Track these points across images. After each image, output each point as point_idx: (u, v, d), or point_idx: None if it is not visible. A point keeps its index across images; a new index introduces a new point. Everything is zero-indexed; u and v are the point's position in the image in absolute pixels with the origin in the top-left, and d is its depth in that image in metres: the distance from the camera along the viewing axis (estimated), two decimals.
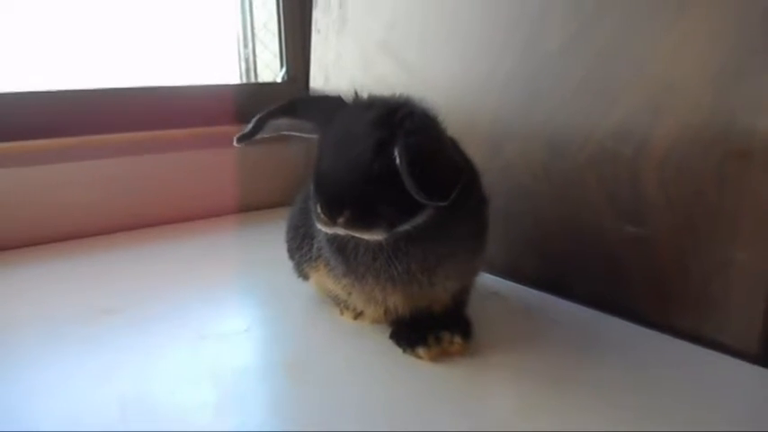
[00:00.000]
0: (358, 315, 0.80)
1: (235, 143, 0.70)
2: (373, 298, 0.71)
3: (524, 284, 0.92)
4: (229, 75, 1.47)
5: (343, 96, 0.70)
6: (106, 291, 0.92)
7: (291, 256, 0.87)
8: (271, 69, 1.47)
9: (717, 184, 0.70)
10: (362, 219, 0.61)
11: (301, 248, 0.82)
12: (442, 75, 1.04)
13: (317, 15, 1.35)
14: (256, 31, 1.45)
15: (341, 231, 0.63)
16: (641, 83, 0.76)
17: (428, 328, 0.70)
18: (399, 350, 0.72)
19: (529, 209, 0.92)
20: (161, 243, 1.18)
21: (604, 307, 0.82)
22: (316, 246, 0.77)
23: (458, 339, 0.69)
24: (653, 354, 0.71)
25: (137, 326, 0.80)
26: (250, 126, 0.70)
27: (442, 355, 0.69)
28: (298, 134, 0.72)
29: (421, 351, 0.69)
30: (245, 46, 1.45)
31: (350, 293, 0.74)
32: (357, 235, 0.63)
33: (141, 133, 1.27)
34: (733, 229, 0.69)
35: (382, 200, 0.61)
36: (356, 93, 0.70)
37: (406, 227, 0.63)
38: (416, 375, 0.66)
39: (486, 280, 0.92)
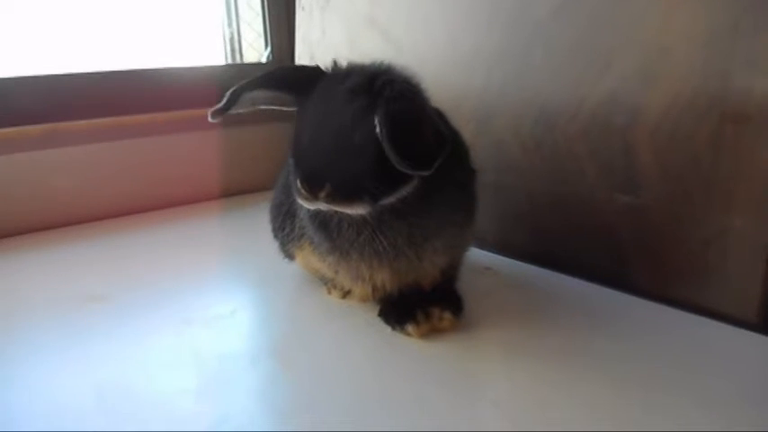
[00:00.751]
0: (346, 293, 0.78)
1: (209, 118, 0.68)
2: (360, 275, 0.68)
3: (517, 259, 0.90)
4: (214, 55, 1.43)
5: (321, 66, 0.67)
6: (90, 278, 0.90)
7: (275, 236, 0.84)
8: (255, 49, 1.44)
9: (712, 150, 0.68)
10: (344, 192, 0.58)
11: (284, 227, 0.79)
12: (429, 49, 1.01)
13: None
14: (240, 10, 1.41)
15: (323, 206, 0.60)
16: (632, 49, 0.74)
17: (417, 305, 0.68)
18: (389, 328, 0.70)
19: (520, 183, 0.89)
20: (146, 229, 1.16)
21: (599, 279, 0.80)
22: (299, 224, 0.75)
23: (447, 315, 0.67)
24: (651, 324, 0.69)
25: (120, 313, 0.78)
26: (224, 99, 0.67)
27: (431, 332, 0.67)
28: (276, 107, 0.70)
29: (410, 328, 0.67)
30: (229, 26, 1.41)
31: (336, 271, 0.72)
32: (340, 210, 0.61)
33: (124, 118, 1.23)
34: (729, 196, 0.67)
35: (364, 172, 0.58)
36: (335, 62, 0.67)
37: (390, 200, 0.61)
38: (406, 353, 0.64)
39: (478, 255, 0.91)
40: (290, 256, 0.83)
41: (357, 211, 0.60)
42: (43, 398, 0.59)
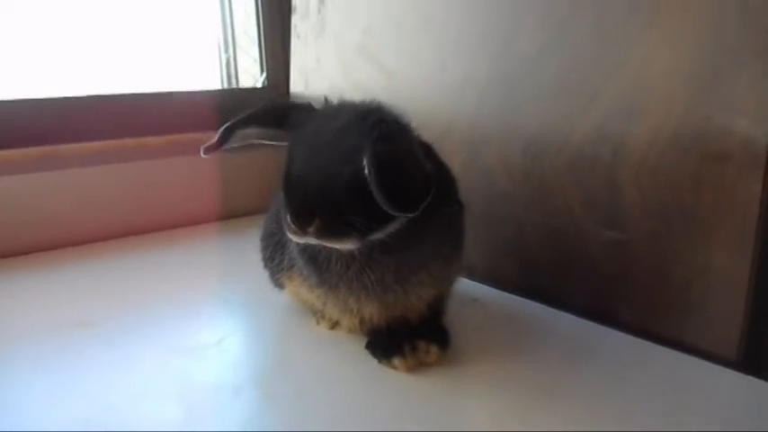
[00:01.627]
0: (334, 324, 0.78)
1: (202, 153, 0.69)
2: (348, 308, 0.69)
3: (505, 290, 0.90)
4: (210, 81, 1.45)
5: (312, 103, 0.68)
6: (78, 303, 0.90)
7: (266, 265, 0.85)
8: (251, 75, 1.45)
9: (694, 187, 0.69)
10: (333, 228, 0.59)
11: (274, 258, 0.80)
12: (419, 79, 1.02)
13: (296, 21, 1.34)
14: (237, 36, 1.43)
15: (312, 241, 0.61)
16: (617, 85, 0.75)
17: (404, 338, 0.69)
18: (375, 361, 0.70)
19: (508, 214, 0.90)
20: (138, 253, 1.16)
21: (585, 313, 0.80)
22: (288, 255, 0.76)
23: (434, 349, 0.68)
24: (634, 361, 0.70)
25: (107, 339, 0.78)
26: (217, 136, 0.68)
27: (418, 366, 0.67)
28: (267, 142, 0.71)
29: (396, 361, 0.67)
30: (226, 51, 1.43)
31: (324, 303, 0.72)
32: (328, 245, 0.61)
33: (119, 141, 1.25)
34: (711, 233, 0.68)
35: (353, 208, 0.59)
36: (326, 99, 0.68)
37: (378, 235, 0.62)
38: (392, 387, 0.65)
39: (466, 285, 0.91)
40: (279, 285, 0.83)
41: (346, 246, 0.61)
42: (25, 426, 0.59)
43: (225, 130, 0.69)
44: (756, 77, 0.63)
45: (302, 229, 0.59)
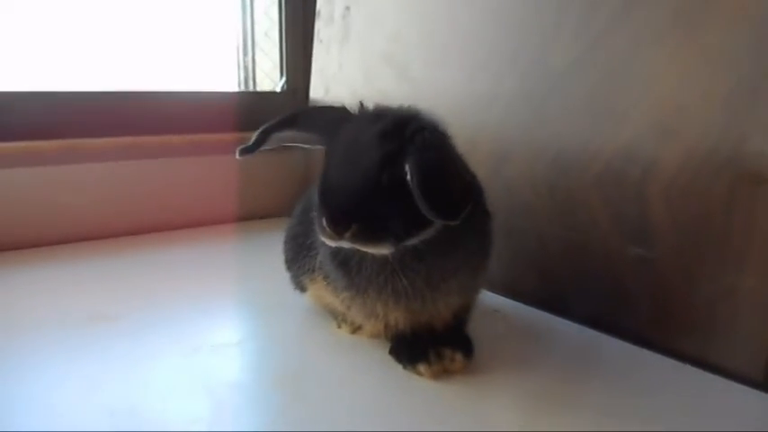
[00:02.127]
0: (356, 329, 0.78)
1: (237, 156, 0.69)
2: (374, 313, 0.69)
3: (525, 303, 0.91)
4: (227, 82, 1.45)
5: (347, 107, 0.69)
6: (100, 297, 0.90)
7: (289, 268, 0.85)
8: (271, 79, 1.46)
9: (725, 208, 0.69)
10: (370, 233, 0.59)
11: (299, 260, 0.80)
12: (444, 89, 1.03)
13: (320, 26, 1.34)
14: (257, 39, 1.44)
15: (346, 245, 0.61)
16: (650, 104, 0.76)
17: (429, 345, 0.69)
18: (398, 366, 0.70)
19: (531, 227, 0.90)
20: (158, 250, 1.16)
21: (607, 328, 0.81)
22: (314, 257, 0.76)
23: (459, 357, 0.68)
24: (656, 377, 0.70)
25: (130, 334, 0.78)
26: (253, 139, 0.68)
27: (442, 373, 0.67)
28: (301, 146, 0.71)
29: (422, 368, 0.67)
30: (245, 54, 1.43)
31: (349, 307, 0.72)
32: (363, 249, 0.61)
33: (139, 138, 1.25)
34: (741, 255, 0.68)
35: (390, 214, 0.59)
36: (361, 104, 0.69)
37: (413, 241, 0.62)
38: (416, 393, 0.65)
39: (487, 297, 0.91)
40: (301, 287, 0.83)
41: (381, 251, 0.61)
42: (50, 417, 0.58)
43: (261, 133, 0.69)
44: None
45: (338, 233, 0.59)
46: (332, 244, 0.62)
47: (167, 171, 1.27)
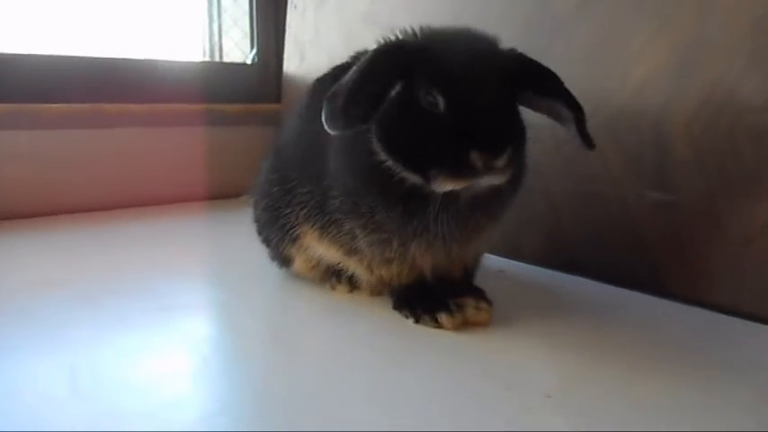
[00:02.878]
0: (353, 288, 0.70)
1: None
2: (404, 255, 0.61)
3: (529, 263, 0.84)
4: (192, 52, 1.35)
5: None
6: (61, 267, 0.80)
7: (266, 240, 0.76)
8: (240, 49, 1.36)
9: (755, 141, 0.64)
10: (519, 155, 0.57)
11: (277, 227, 0.71)
12: None
13: None
14: (227, 7, 1.34)
15: (483, 179, 0.53)
16: (667, 37, 0.71)
17: (446, 295, 0.61)
18: (405, 321, 0.62)
19: (536, 184, 0.84)
20: (123, 224, 1.05)
21: (624, 283, 0.74)
22: (303, 211, 0.67)
23: (484, 305, 0.61)
24: (685, 327, 0.64)
25: (86, 299, 0.67)
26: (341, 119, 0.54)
27: (464, 325, 0.60)
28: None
29: (444, 317, 0.59)
30: (212, 21, 1.34)
31: (373, 249, 0.62)
32: (497, 181, 0.54)
33: (95, 105, 1.13)
34: None
35: (524, 139, 0.59)
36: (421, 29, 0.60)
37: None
38: (434, 345, 0.57)
39: (488, 260, 0.84)
40: (285, 259, 0.74)
41: (504, 179, 0.55)
42: (12, 386, 0.48)
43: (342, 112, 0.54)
44: None
45: (492, 161, 0.51)
46: (459, 186, 0.53)
47: (128, 141, 1.15)
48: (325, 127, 0.54)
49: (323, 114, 0.53)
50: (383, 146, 0.56)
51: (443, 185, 0.53)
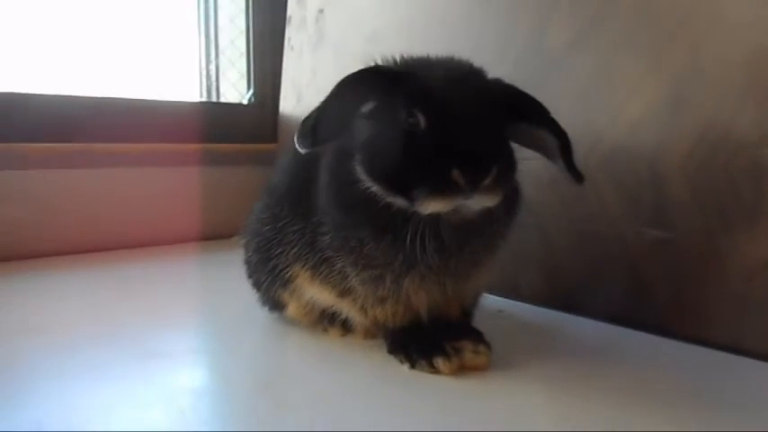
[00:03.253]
0: (346, 331, 0.68)
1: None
2: (398, 292, 0.59)
3: (527, 302, 0.82)
4: (190, 92, 1.36)
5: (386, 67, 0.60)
6: (39, 311, 0.78)
7: (256, 284, 0.74)
8: (237, 89, 1.37)
9: (752, 176, 0.63)
10: (508, 176, 0.55)
11: (268, 269, 0.69)
12: None
13: (291, 32, 1.28)
14: (224, 48, 1.36)
15: (470, 202, 0.51)
16: (661, 73, 0.71)
17: (442, 338, 0.59)
18: (401, 367, 0.60)
19: (533, 221, 0.83)
20: (114, 267, 1.03)
21: (624, 322, 0.73)
22: (293, 250, 0.65)
23: (483, 348, 0.59)
24: (685, 366, 0.62)
25: (66, 346, 0.65)
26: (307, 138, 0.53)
27: (461, 369, 0.58)
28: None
29: (440, 362, 0.57)
30: (209, 62, 1.35)
31: (366, 287, 0.61)
32: (488, 202, 0.52)
33: (95, 145, 1.13)
34: None
35: (513, 160, 0.57)
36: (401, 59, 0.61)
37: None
38: (430, 392, 0.54)
39: (487, 300, 0.82)
40: (276, 304, 0.73)
41: (495, 202, 0.53)
42: None
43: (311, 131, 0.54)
44: None
45: (478, 180, 0.50)
46: (444, 208, 0.52)
47: (121, 181, 1.15)
48: (296, 146, 0.53)
49: (295, 134, 0.53)
50: (366, 171, 0.55)
51: (428, 206, 0.51)
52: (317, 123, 0.53)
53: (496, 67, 0.87)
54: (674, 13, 0.70)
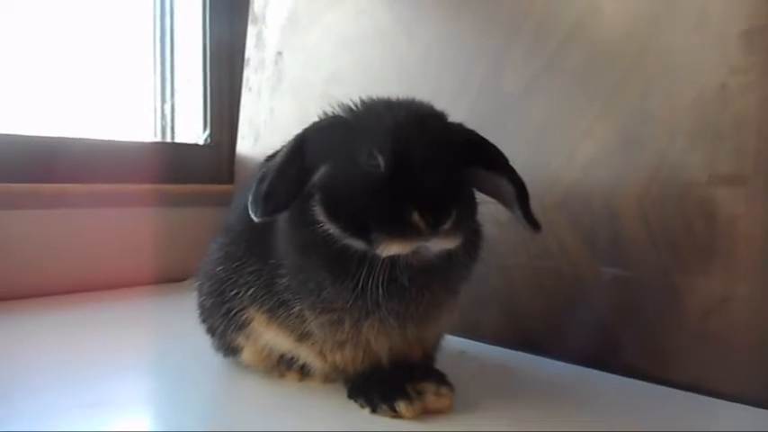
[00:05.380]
0: (303, 376, 0.66)
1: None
2: (357, 337, 0.58)
3: (489, 342, 0.81)
4: (143, 132, 1.33)
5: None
6: None
7: (211, 327, 0.71)
8: (193, 130, 1.35)
9: (705, 214, 0.65)
10: (468, 219, 0.54)
11: (222, 313, 0.67)
12: None
13: (249, 73, 1.28)
14: (180, 88, 1.34)
15: (422, 244, 0.51)
16: (613, 116, 0.73)
17: (404, 381, 0.58)
18: (361, 411, 0.58)
19: (492, 260, 0.83)
20: (61, 311, 0.98)
21: (584, 361, 0.73)
22: (249, 292, 0.63)
23: (445, 391, 0.57)
24: (648, 407, 0.62)
25: (2, 396, 0.61)
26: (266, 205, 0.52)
27: (423, 412, 0.56)
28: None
29: (402, 405, 0.55)
30: (164, 102, 1.33)
31: (325, 330, 0.59)
32: (447, 245, 0.52)
33: (35, 185, 1.08)
34: (729, 261, 0.63)
35: (473, 203, 0.58)
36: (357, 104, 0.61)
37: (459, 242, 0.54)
38: None
39: (448, 341, 0.81)
40: (230, 349, 0.70)
41: (455, 245, 0.53)
42: None
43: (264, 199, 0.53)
44: None
45: (438, 224, 0.50)
46: (404, 250, 0.51)
47: (71, 223, 1.10)
48: (250, 214, 0.52)
49: (249, 201, 0.52)
50: (324, 212, 0.54)
51: (387, 249, 0.50)
52: (268, 192, 0.52)
53: (453, 109, 0.88)
54: (624, 59, 0.72)
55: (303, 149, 0.54)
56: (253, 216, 0.52)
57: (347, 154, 0.54)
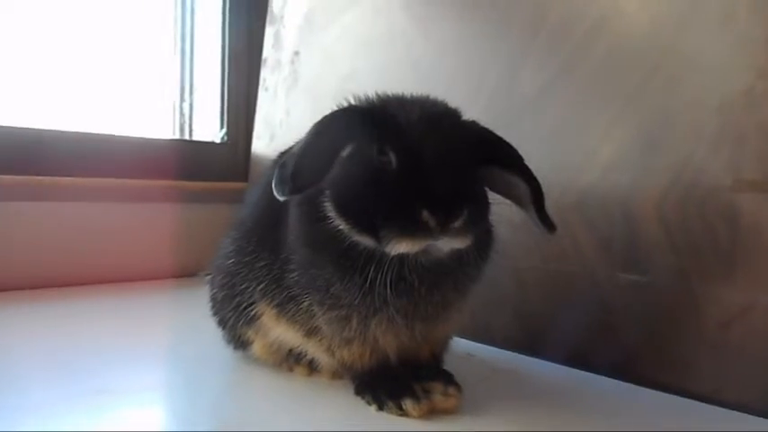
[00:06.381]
0: (311, 371, 0.65)
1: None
2: (365, 334, 0.57)
3: (500, 347, 0.80)
4: (162, 130, 1.34)
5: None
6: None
7: (222, 319, 0.71)
8: (211, 128, 1.36)
9: (728, 220, 0.63)
10: (478, 219, 0.53)
11: (233, 307, 0.67)
12: None
13: (266, 74, 1.28)
14: (196, 86, 1.35)
15: (431, 242, 0.50)
16: (633, 117, 0.71)
17: (412, 380, 0.57)
18: (368, 409, 0.57)
19: (505, 263, 0.81)
20: (78, 302, 0.99)
21: (596, 368, 0.70)
22: (260, 287, 0.63)
23: (453, 391, 0.56)
24: (660, 415, 0.60)
25: (13, 384, 0.61)
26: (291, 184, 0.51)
27: (431, 412, 0.55)
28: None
29: (409, 404, 0.54)
30: (183, 100, 1.33)
31: (332, 326, 0.58)
32: (457, 244, 0.51)
33: (56, 178, 1.09)
34: (752, 270, 0.61)
35: (486, 202, 0.57)
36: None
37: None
38: None
39: (457, 344, 0.79)
40: (241, 342, 0.69)
41: (465, 245, 0.52)
42: None
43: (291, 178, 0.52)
44: None
45: (448, 222, 0.49)
46: (413, 249, 0.50)
47: (91, 216, 1.11)
48: (274, 193, 0.51)
49: (273, 181, 0.51)
50: (335, 208, 0.53)
51: (396, 247, 0.49)
52: (296, 170, 0.51)
53: (468, 110, 0.88)
54: (646, 59, 0.71)
55: (326, 128, 0.53)
56: (279, 195, 0.51)
57: (360, 145, 0.53)
